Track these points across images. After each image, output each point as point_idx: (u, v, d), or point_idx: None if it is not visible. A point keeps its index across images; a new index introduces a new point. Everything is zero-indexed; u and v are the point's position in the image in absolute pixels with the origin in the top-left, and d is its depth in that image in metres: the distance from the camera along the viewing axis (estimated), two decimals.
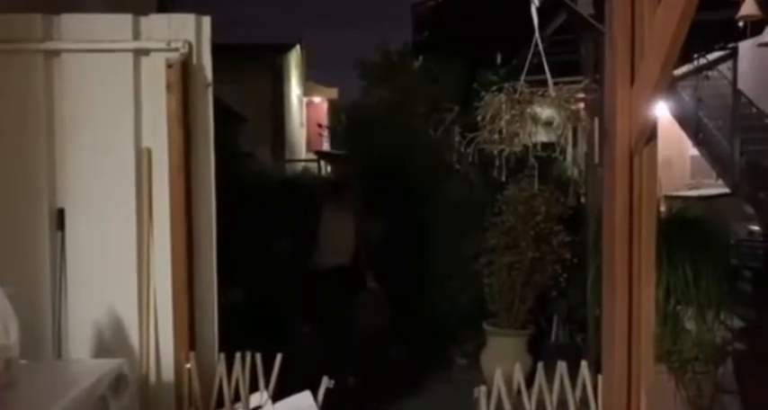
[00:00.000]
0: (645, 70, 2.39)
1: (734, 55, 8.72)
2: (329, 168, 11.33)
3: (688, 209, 4.71)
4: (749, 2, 4.15)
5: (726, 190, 9.31)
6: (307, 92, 17.52)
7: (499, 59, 6.78)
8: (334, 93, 17.45)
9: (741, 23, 4.50)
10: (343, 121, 7.50)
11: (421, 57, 6.84)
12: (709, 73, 9.37)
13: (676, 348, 3.81)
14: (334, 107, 15.12)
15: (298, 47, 16.16)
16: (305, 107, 17.54)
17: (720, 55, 9.00)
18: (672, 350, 3.80)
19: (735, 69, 8.83)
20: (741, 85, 8.94)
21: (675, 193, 9.75)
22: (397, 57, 6.80)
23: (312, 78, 18.24)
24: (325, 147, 14.18)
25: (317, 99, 18.07)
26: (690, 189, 11.42)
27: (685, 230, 4.13)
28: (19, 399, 2.07)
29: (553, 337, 5.16)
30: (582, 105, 3.74)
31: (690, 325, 3.92)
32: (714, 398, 3.85)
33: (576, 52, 5.01)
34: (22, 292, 2.54)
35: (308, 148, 16.38)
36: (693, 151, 11.15)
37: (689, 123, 9.84)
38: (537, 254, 4.73)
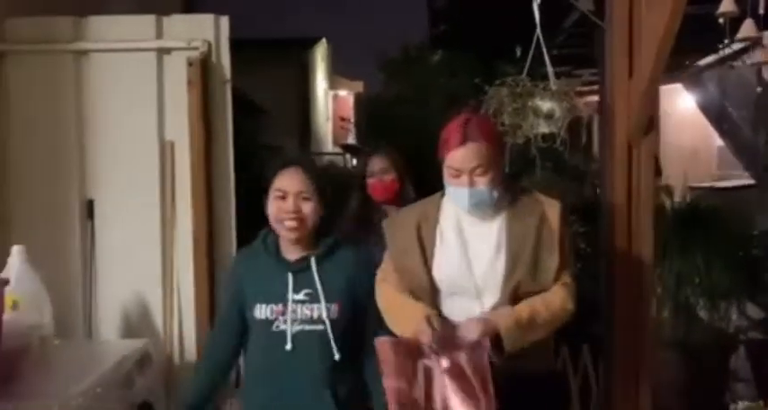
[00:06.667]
0: (642, 63, 2.47)
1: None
2: (354, 161, 11.49)
3: (702, 199, 4.71)
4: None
5: (751, 181, 9.18)
6: (333, 85, 17.59)
7: (519, 52, 6.79)
8: (359, 86, 17.49)
9: (721, 20, 4.44)
10: (366, 115, 7.60)
11: (440, 51, 6.88)
12: (734, 63, 9.24)
13: (688, 336, 3.85)
14: (359, 100, 15.22)
15: (324, 40, 16.26)
16: (331, 100, 17.63)
17: (744, 45, 8.86)
18: (684, 338, 3.85)
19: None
20: (766, 75, 8.79)
21: (700, 184, 9.64)
22: (415, 51, 6.86)
23: (338, 72, 18.30)
24: (350, 140, 14.33)
25: (342, 92, 18.13)
26: (716, 180, 11.26)
27: (698, 220, 4.15)
28: (52, 374, 2.22)
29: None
30: (596, 98, 3.79)
31: (702, 314, 3.96)
32: (726, 387, 3.88)
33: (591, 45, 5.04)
34: (55, 276, 2.73)
35: (335, 142, 16.48)
36: (720, 142, 10.98)
37: (714, 114, 9.73)
38: None
